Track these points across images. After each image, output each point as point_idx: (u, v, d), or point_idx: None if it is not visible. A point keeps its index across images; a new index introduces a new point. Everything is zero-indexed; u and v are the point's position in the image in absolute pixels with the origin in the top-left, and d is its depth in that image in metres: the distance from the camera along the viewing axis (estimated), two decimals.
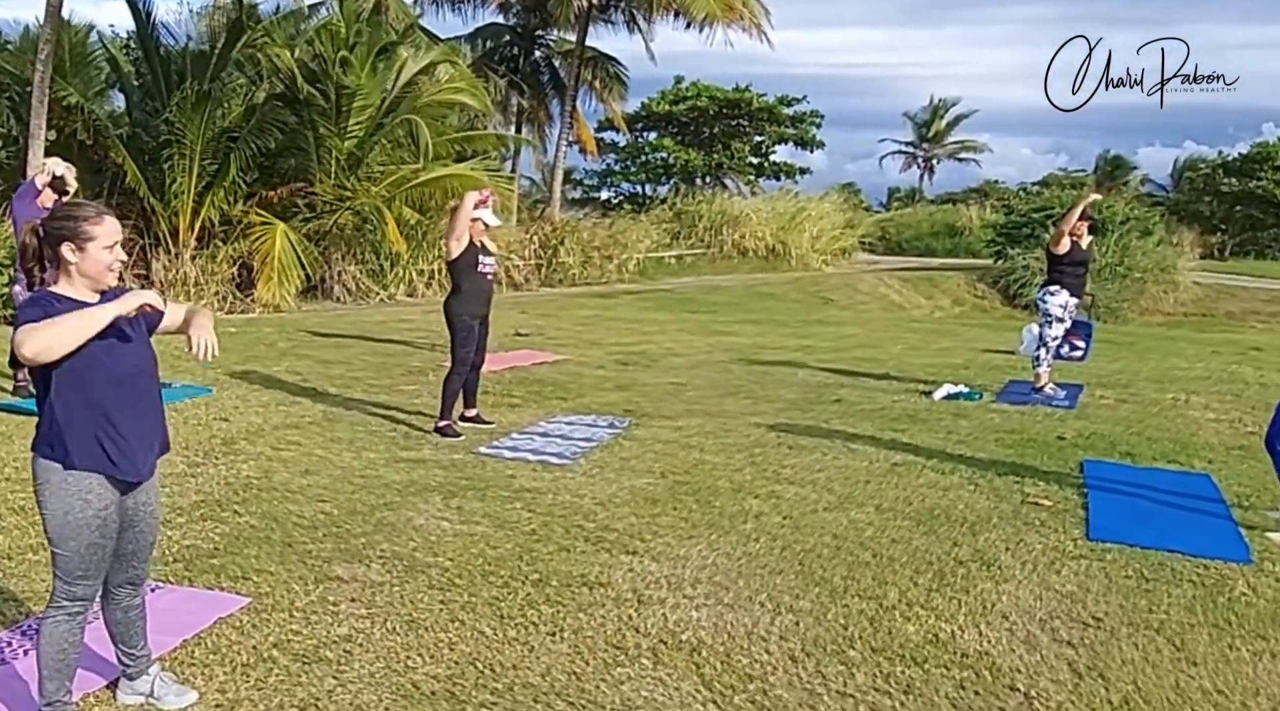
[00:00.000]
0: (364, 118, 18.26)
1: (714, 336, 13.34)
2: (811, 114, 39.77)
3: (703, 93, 38.61)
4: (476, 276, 6.74)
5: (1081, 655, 3.70)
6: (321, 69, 17.81)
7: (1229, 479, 6.05)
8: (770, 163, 40.75)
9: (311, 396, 7.77)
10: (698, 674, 3.42)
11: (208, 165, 16.83)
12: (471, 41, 29.63)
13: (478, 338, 6.87)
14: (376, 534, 4.62)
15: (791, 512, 5.21)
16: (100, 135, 16.45)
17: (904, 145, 64.47)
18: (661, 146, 38.98)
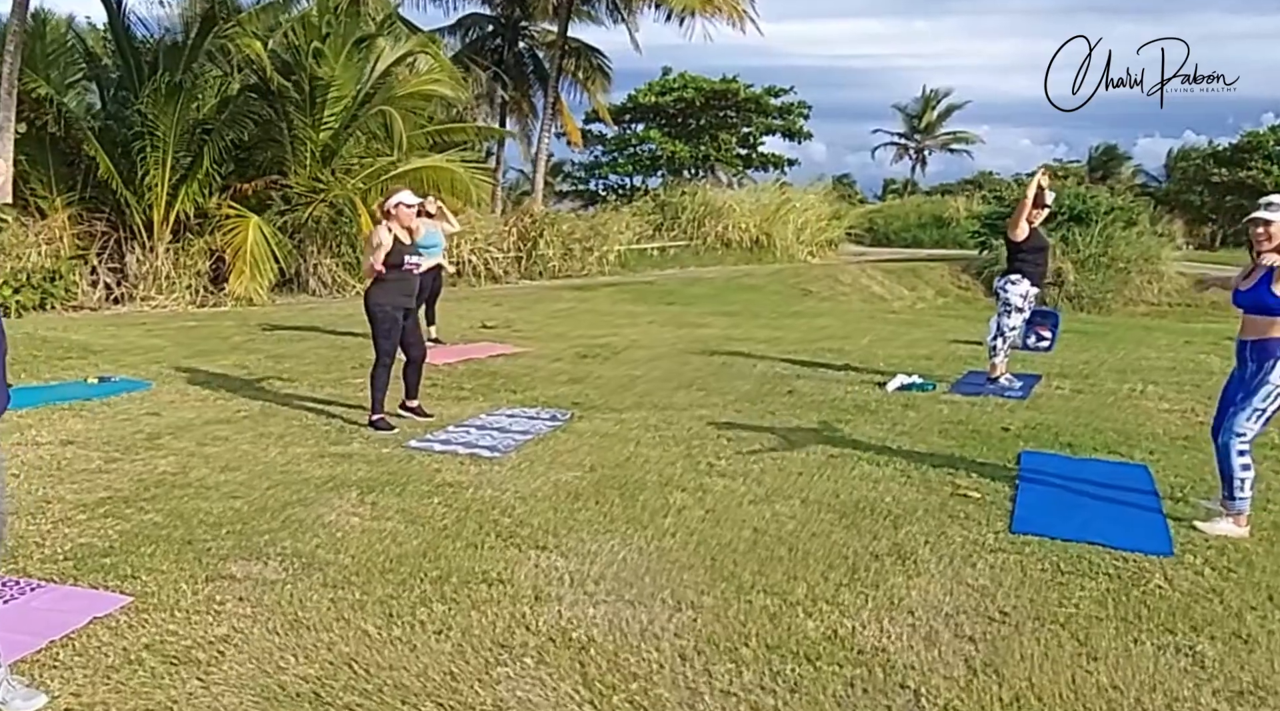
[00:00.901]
0: (339, 109, 18.14)
1: (684, 329, 13.24)
2: (799, 105, 39.64)
3: (689, 84, 38.47)
4: (400, 272, 6.63)
5: (980, 651, 3.62)
6: (295, 60, 17.70)
7: (1168, 470, 5.97)
8: (759, 154, 40.66)
9: (253, 391, 7.69)
10: (580, 673, 3.34)
11: (181, 158, 16.70)
12: (454, 33, 29.50)
13: (404, 330, 6.74)
14: (282, 531, 4.54)
15: (715, 506, 5.13)
16: (72, 127, 16.26)
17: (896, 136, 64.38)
18: (649, 138, 38.86)
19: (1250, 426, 4.82)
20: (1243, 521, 4.87)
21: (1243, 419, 4.82)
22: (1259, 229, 4.82)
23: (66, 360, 8.79)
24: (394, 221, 6.62)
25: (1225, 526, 4.86)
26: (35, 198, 16.35)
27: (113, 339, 10.13)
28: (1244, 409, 4.82)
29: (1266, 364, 4.76)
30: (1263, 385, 4.76)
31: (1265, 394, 4.76)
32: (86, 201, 16.80)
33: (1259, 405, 4.78)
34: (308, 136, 17.78)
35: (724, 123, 39.42)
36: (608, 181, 40.39)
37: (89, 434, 6.18)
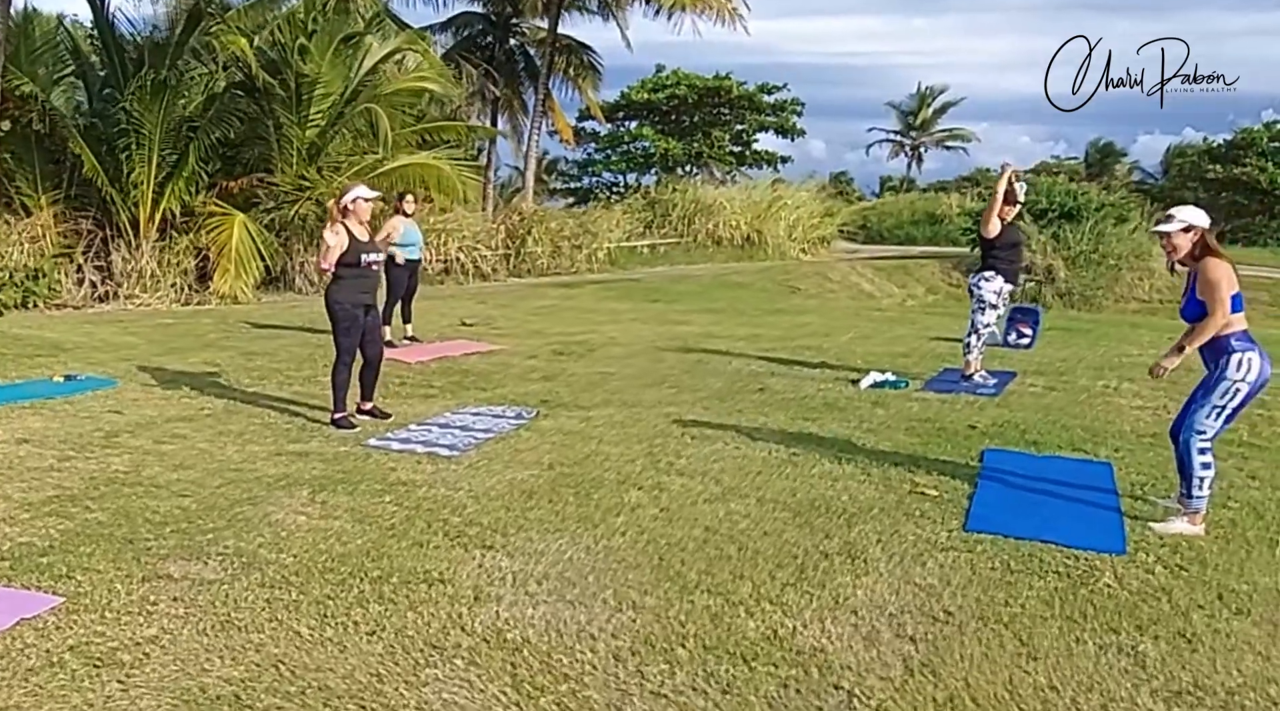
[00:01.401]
0: (326, 106, 18.05)
1: (665, 326, 13.20)
2: (793, 102, 39.51)
3: (682, 81, 38.36)
4: (359, 270, 6.57)
5: (920, 651, 3.58)
6: (281, 57, 17.61)
7: (1131, 467, 5.94)
8: (752, 151, 40.56)
9: (219, 388, 7.64)
10: (511, 674, 3.30)
11: (167, 155, 16.62)
12: (446, 30, 29.42)
13: (364, 327, 6.66)
14: (227, 529, 4.50)
15: (670, 505, 5.09)
16: (57, 125, 16.16)
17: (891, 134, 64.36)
18: (642, 135, 38.76)
19: (1210, 424, 4.79)
20: (1198, 520, 4.82)
21: (1202, 416, 4.79)
22: (1163, 242, 4.90)
23: (36, 358, 8.74)
24: (351, 217, 6.54)
25: (1180, 525, 4.82)
26: (20, 196, 16.27)
27: (87, 337, 10.08)
28: (1203, 406, 4.79)
29: (1221, 360, 4.74)
30: (1220, 382, 4.73)
31: (1223, 390, 4.73)
32: (72, 199, 16.74)
33: (1218, 402, 4.75)
34: (294, 134, 17.70)
35: (717, 120, 39.31)
36: (601, 179, 40.31)
37: (47, 432, 6.13)
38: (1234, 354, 4.69)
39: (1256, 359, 4.70)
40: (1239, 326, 4.73)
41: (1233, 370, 4.70)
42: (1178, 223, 4.85)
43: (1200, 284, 4.75)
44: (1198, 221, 4.82)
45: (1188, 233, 4.81)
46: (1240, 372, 4.69)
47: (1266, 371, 4.76)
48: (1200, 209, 4.98)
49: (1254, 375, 4.70)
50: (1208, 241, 4.80)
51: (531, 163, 26.63)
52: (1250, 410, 7.54)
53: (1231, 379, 4.70)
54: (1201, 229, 4.80)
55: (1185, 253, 4.83)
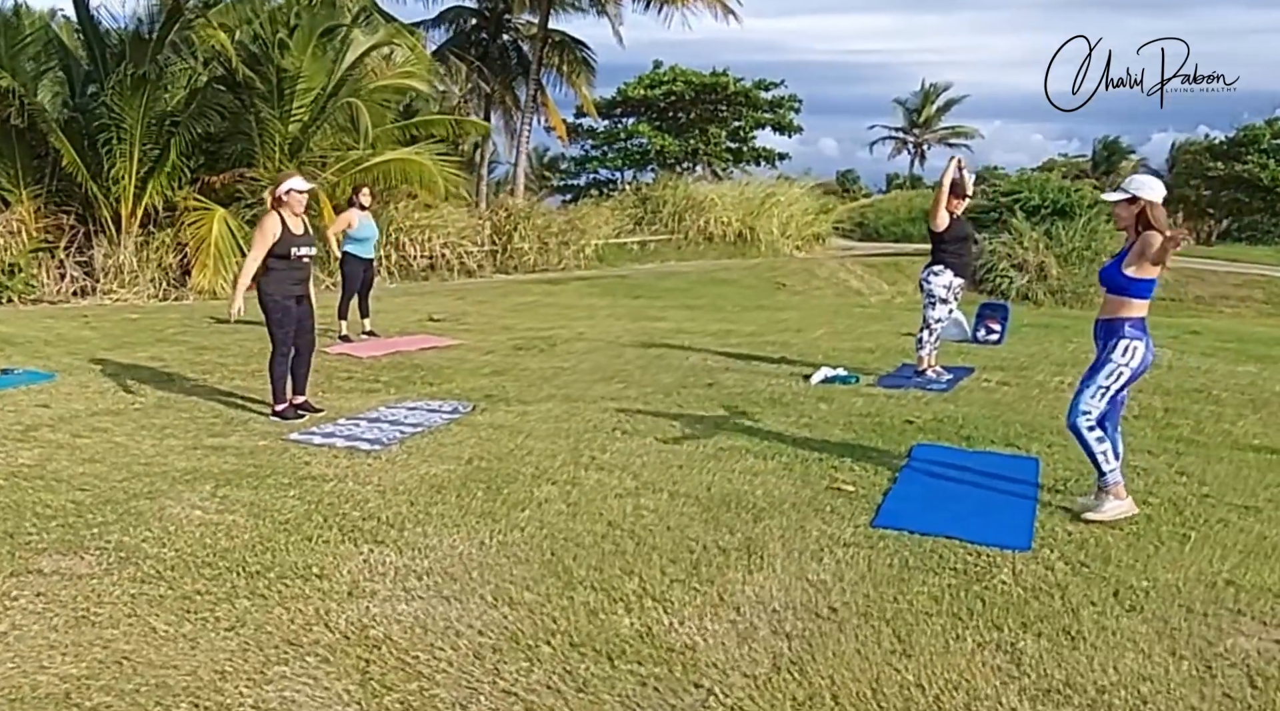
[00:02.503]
0: (308, 101, 17.99)
1: (639, 322, 13.12)
2: (790, 98, 39.46)
3: (679, 77, 38.30)
4: (289, 262, 6.51)
5: (793, 648, 3.50)
6: (263, 52, 17.56)
7: (1059, 462, 5.84)
8: (750, 147, 40.45)
9: (159, 382, 7.59)
10: (362, 672, 3.23)
11: (149, 150, 16.59)
12: (438, 25, 29.38)
13: (296, 318, 6.61)
14: (116, 523, 4.43)
15: (579, 500, 5.01)
16: (37, 120, 16.11)
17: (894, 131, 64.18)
18: (638, 132, 38.69)
19: (1094, 404, 4.77)
20: (1121, 492, 4.81)
21: (1086, 396, 4.78)
22: (1112, 211, 4.88)
23: None
24: (285, 208, 6.49)
25: (1110, 505, 4.78)
26: (1, 191, 16.25)
27: (43, 331, 10.05)
28: (1088, 386, 4.79)
29: (1111, 341, 4.75)
30: (1106, 363, 4.75)
31: (1108, 371, 4.75)
32: (54, 195, 16.73)
33: (1102, 383, 4.76)
34: (275, 129, 17.67)
35: (714, 116, 39.23)
36: (597, 176, 40.28)
37: None
38: (1124, 339, 4.70)
39: (1141, 348, 4.74)
40: (1138, 312, 4.72)
41: (1119, 354, 4.73)
42: (1120, 193, 4.79)
43: (1139, 256, 4.64)
44: (1144, 193, 4.71)
45: (1132, 204, 4.72)
46: (1125, 357, 4.73)
47: (1147, 361, 4.79)
48: (1157, 179, 4.86)
49: (1136, 361, 4.75)
50: (1153, 216, 4.68)
51: (522, 159, 26.58)
52: (1200, 407, 7.48)
53: (1116, 362, 4.74)
54: (1145, 202, 4.69)
55: (1127, 224, 4.77)
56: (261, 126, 17.57)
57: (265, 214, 6.55)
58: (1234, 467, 5.81)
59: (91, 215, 16.75)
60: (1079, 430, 4.77)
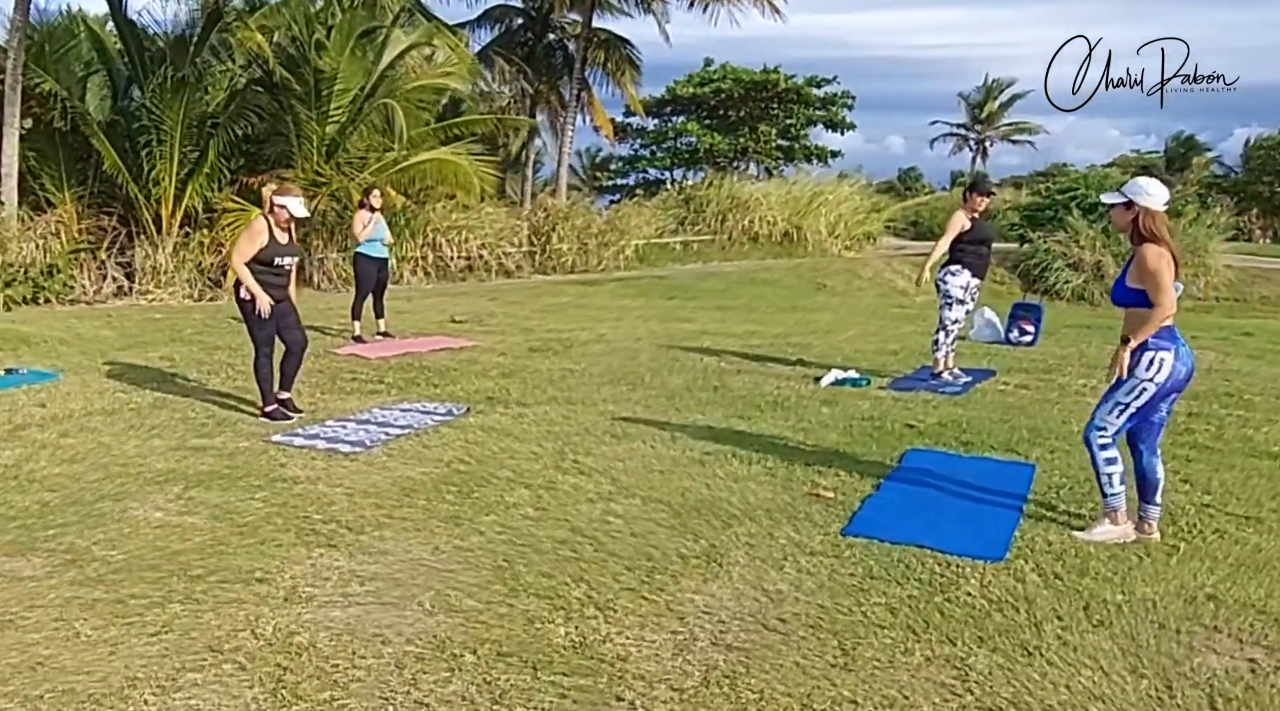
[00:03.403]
0: (345, 102, 18.19)
1: (666, 323, 13.02)
2: (843, 95, 38.99)
3: (728, 75, 38.10)
4: (270, 268, 6.56)
5: (730, 660, 3.40)
6: (300, 53, 17.80)
7: (1056, 469, 5.64)
8: (801, 145, 40.10)
9: (161, 382, 7.68)
10: (277, 680, 3.19)
11: (189, 152, 16.87)
12: (483, 25, 29.55)
13: (278, 315, 6.64)
14: (75, 525, 4.47)
15: (549, 504, 4.95)
16: (79, 123, 16.48)
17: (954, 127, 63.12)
18: (687, 130, 38.56)
19: (1111, 420, 4.49)
20: (1119, 518, 4.55)
21: (1104, 411, 4.51)
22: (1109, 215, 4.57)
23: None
24: (272, 217, 6.55)
25: (1103, 529, 4.55)
26: (45, 193, 16.65)
27: (63, 331, 10.25)
28: (1106, 402, 4.51)
29: (1133, 355, 4.39)
30: (1128, 378, 4.41)
31: (1129, 388, 4.42)
32: (97, 197, 17.12)
33: (1122, 399, 4.45)
34: (312, 130, 17.90)
35: (764, 114, 38.94)
36: (646, 176, 40.22)
37: None
38: (1148, 350, 4.33)
39: (1170, 359, 4.34)
40: (1166, 322, 4.35)
41: (1142, 368, 4.36)
42: (1117, 196, 4.49)
43: (1138, 271, 4.34)
44: (1140, 199, 4.37)
45: (1128, 209, 4.42)
46: (1150, 371, 4.35)
47: (1180, 374, 4.40)
48: (1161, 183, 4.49)
49: (1164, 376, 4.35)
50: (1145, 224, 4.36)
51: (565, 159, 26.59)
52: (1228, 412, 7.19)
53: (1139, 377, 4.38)
54: (1141, 209, 4.37)
55: (1124, 230, 4.48)
56: (299, 128, 17.81)
57: (255, 217, 6.61)
58: (1243, 475, 5.56)
59: (133, 216, 17.10)
60: (1090, 445, 4.53)
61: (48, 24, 17.45)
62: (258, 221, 6.56)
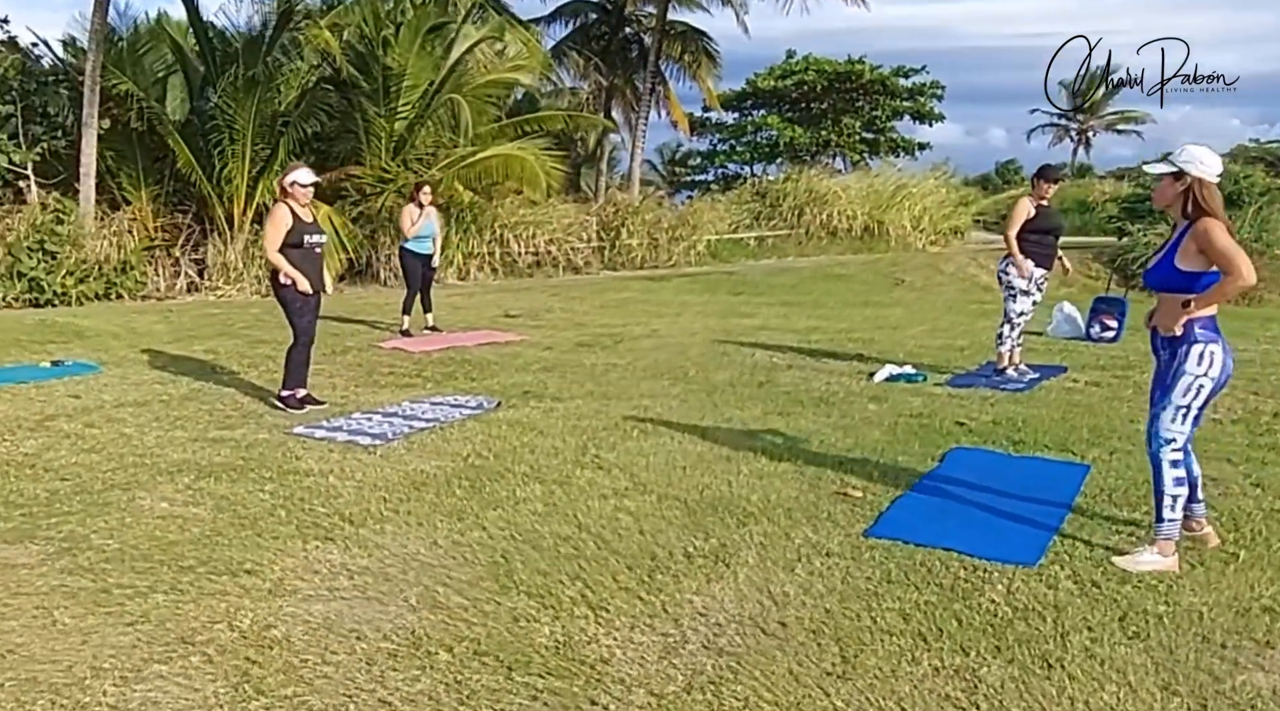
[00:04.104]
0: (414, 98, 18.40)
1: (727, 319, 12.84)
2: (931, 85, 38.21)
3: (811, 66, 37.65)
4: (303, 252, 6.59)
5: (719, 665, 3.25)
6: (369, 51, 18.05)
7: (1113, 471, 5.33)
8: (887, 138, 39.42)
9: (198, 374, 7.79)
10: (243, 674, 3.14)
11: (260, 150, 17.26)
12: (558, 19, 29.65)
13: (314, 308, 6.68)
14: (78, 513, 4.51)
15: (561, 500, 4.84)
16: (154, 123, 16.94)
17: (1054, 117, 61.37)
18: (766, 124, 38.20)
19: (1178, 429, 4.04)
20: (1169, 549, 4.05)
21: (1166, 421, 4.04)
22: (1154, 190, 4.16)
23: (48, 344, 9.15)
24: (291, 199, 6.59)
25: (1149, 558, 4.05)
26: (123, 192, 17.18)
27: (120, 325, 10.51)
28: (1165, 409, 4.05)
29: (1180, 351, 3.99)
30: (1180, 377, 3.99)
31: (1184, 388, 3.99)
32: (172, 195, 17.62)
33: (1181, 402, 4.01)
34: (381, 127, 18.15)
35: (848, 106, 38.38)
36: (725, 170, 39.97)
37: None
38: (1195, 344, 3.95)
39: (1219, 352, 3.97)
40: (1206, 311, 3.97)
41: (1193, 364, 3.96)
42: (1165, 166, 4.06)
43: (1199, 249, 3.92)
44: (1193, 169, 3.96)
45: (1178, 181, 3.99)
46: (1202, 367, 3.96)
47: (1229, 367, 4.04)
48: (1213, 154, 4.02)
49: (1216, 370, 3.98)
50: (1202, 196, 3.94)
51: (639, 153, 26.53)
52: None
53: (1192, 374, 3.96)
54: (1194, 180, 3.96)
55: (1170, 205, 4.06)
56: (367, 125, 18.07)
57: (274, 205, 6.67)
58: None
59: (206, 214, 17.54)
60: (1160, 462, 4.06)
61: (128, 27, 18.00)
62: (278, 208, 6.61)
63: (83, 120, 16.03)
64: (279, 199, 6.70)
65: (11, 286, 13.69)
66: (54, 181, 16.42)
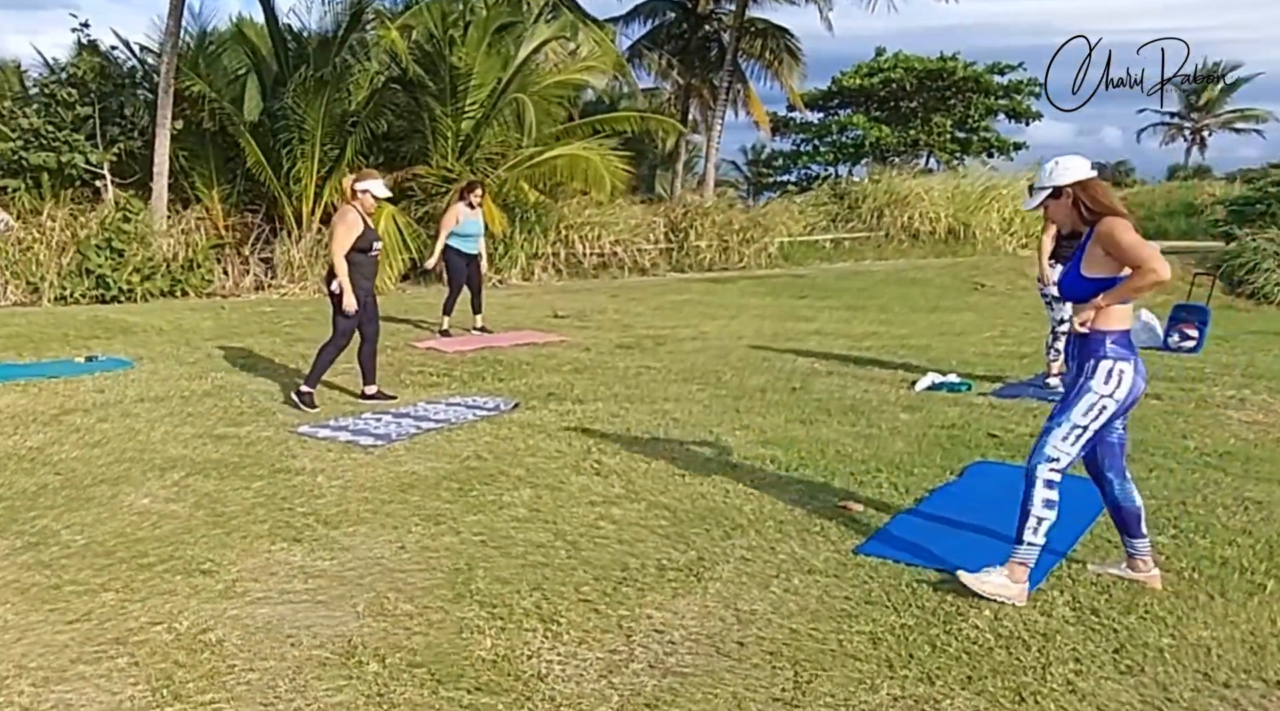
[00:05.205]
0: (481, 97, 18.53)
1: (785, 322, 12.61)
2: (1029, 83, 37.27)
3: (899, 64, 37.04)
4: (366, 257, 6.71)
5: (660, 686, 3.10)
6: (436, 50, 18.24)
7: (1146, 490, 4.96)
8: (980, 138, 38.54)
9: (226, 371, 7.89)
10: (167, 678, 3.09)
11: (329, 151, 17.57)
12: (635, 19, 29.67)
13: (364, 309, 6.79)
14: (58, 508, 4.55)
15: (546, 506, 4.74)
16: (226, 123, 17.35)
17: (1166, 116, 59.29)
18: (852, 124, 37.67)
19: (1066, 449, 3.71)
20: (1021, 574, 3.70)
21: (1057, 438, 3.71)
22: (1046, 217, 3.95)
23: (91, 339, 9.37)
24: (358, 203, 6.63)
25: (995, 580, 3.69)
26: (195, 192, 17.66)
27: (169, 321, 10.72)
28: (1060, 424, 3.72)
29: (1088, 365, 3.67)
30: (1083, 394, 3.67)
31: (1086, 405, 3.66)
32: (243, 194, 18.06)
33: (1080, 421, 3.68)
34: (447, 127, 18.31)
35: (939, 104, 37.63)
36: (808, 171, 39.52)
37: (3, 408, 6.48)
38: (1104, 360, 3.64)
39: (1130, 371, 3.65)
40: (1119, 324, 3.66)
41: (1099, 381, 3.64)
42: (1039, 194, 3.80)
43: (1104, 251, 3.62)
44: (1063, 179, 3.70)
45: (1059, 197, 3.73)
46: (1109, 386, 3.64)
47: (1139, 389, 3.71)
48: (1077, 157, 3.77)
49: (1124, 391, 3.65)
50: (1091, 197, 3.66)
51: (712, 154, 26.33)
52: None
53: (1098, 392, 3.64)
54: (1074, 186, 3.68)
55: (1067, 220, 3.78)
56: (433, 124, 18.25)
57: (345, 207, 6.69)
58: None
59: (276, 213, 17.92)
60: (1034, 478, 3.72)
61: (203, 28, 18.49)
62: (349, 212, 6.64)
63: (157, 121, 16.50)
64: (348, 201, 6.71)
65: (79, 283, 14.12)
66: (130, 181, 16.93)
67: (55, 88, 16.33)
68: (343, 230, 6.68)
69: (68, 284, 14.07)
